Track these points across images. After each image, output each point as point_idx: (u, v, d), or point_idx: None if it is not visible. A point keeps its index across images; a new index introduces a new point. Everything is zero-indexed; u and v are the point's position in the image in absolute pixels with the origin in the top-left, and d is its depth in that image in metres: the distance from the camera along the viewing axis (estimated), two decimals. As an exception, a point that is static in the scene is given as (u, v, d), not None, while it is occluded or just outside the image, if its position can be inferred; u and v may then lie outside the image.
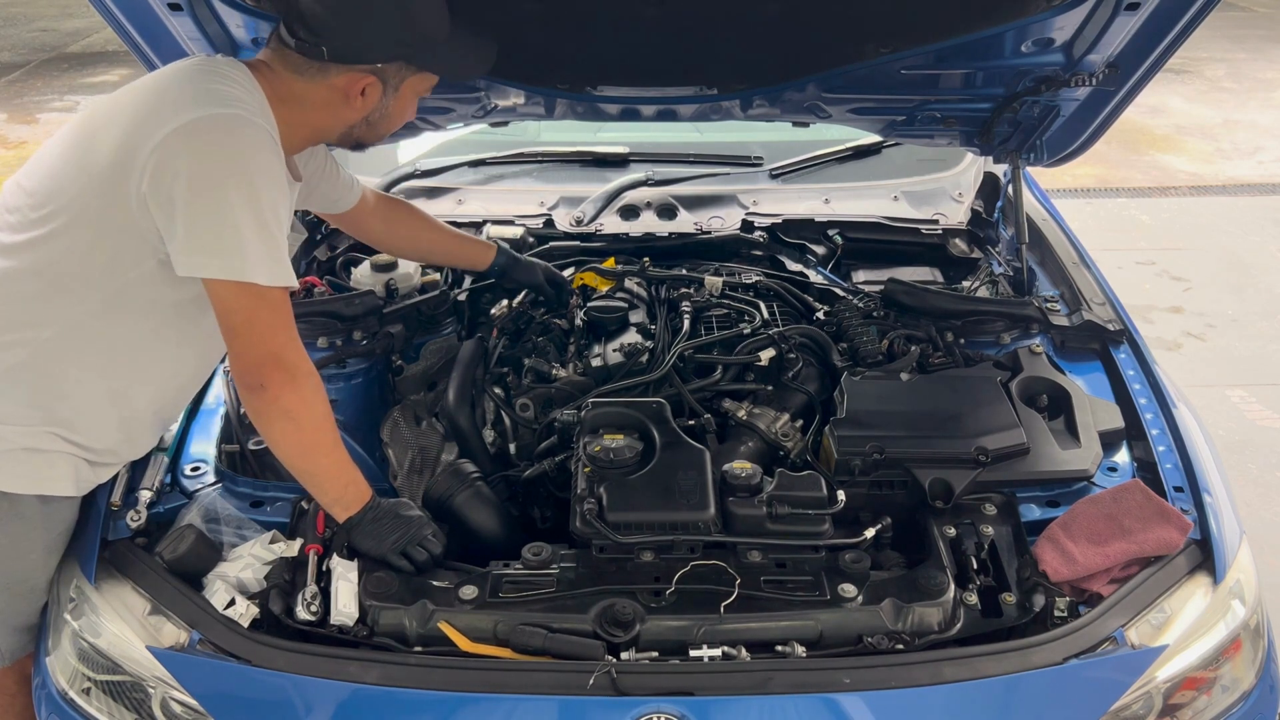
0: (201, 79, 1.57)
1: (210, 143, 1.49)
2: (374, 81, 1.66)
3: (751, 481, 1.72)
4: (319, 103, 1.66)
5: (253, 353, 1.56)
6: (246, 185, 1.49)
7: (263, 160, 1.53)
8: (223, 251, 1.49)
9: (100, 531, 1.68)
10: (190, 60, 1.66)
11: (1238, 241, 5.43)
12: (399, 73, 1.69)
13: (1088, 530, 1.65)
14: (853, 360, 2.16)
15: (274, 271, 1.52)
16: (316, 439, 1.63)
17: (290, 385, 1.57)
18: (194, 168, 1.48)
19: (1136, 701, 1.51)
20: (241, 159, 1.50)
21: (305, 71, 1.63)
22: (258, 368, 1.56)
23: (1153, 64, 1.91)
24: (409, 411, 2.25)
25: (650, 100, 2.25)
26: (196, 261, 1.50)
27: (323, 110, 1.67)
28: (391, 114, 1.75)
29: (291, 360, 1.58)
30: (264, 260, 1.51)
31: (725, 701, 1.44)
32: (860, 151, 2.94)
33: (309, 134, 1.73)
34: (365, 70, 1.64)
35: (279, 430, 1.61)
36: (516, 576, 1.64)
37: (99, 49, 9.34)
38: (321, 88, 1.64)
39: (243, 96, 1.56)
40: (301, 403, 1.59)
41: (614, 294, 2.40)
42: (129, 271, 1.56)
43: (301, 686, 1.46)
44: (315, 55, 1.60)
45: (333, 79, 1.63)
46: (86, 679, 1.58)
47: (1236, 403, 3.93)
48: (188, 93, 1.54)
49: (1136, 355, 2.13)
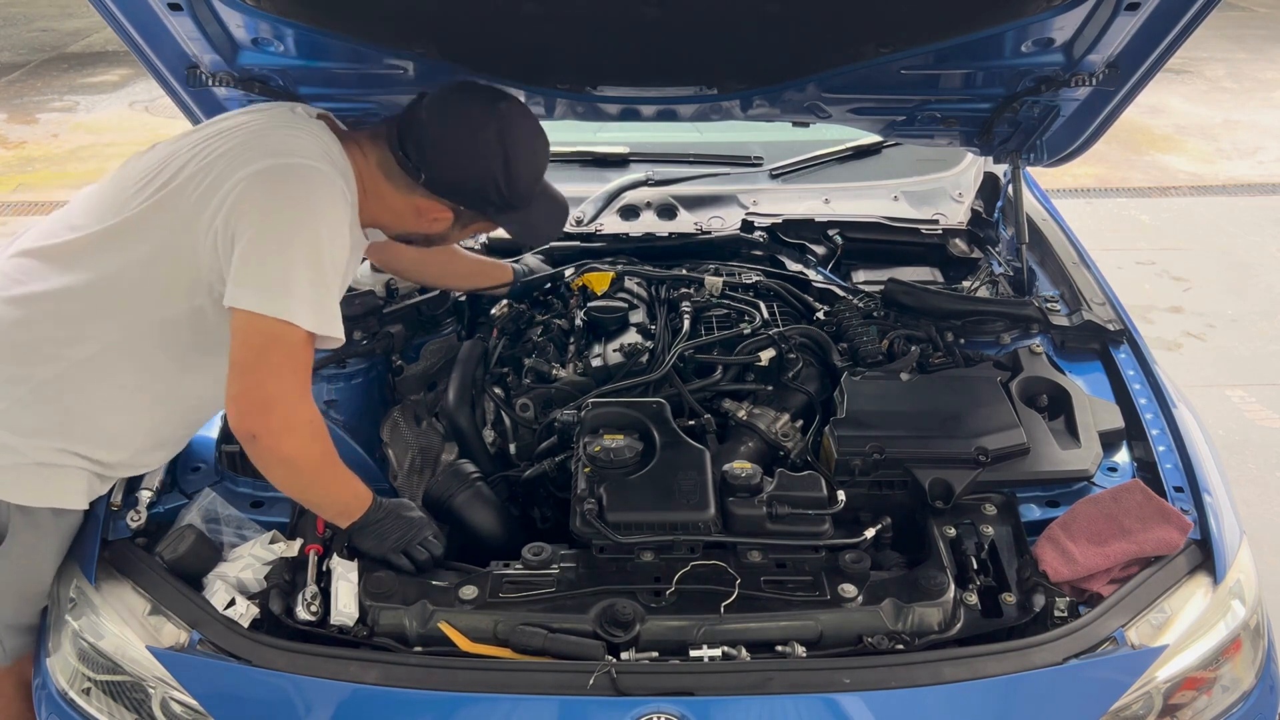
0: (299, 132, 1.63)
1: (288, 188, 1.54)
2: (449, 216, 1.74)
3: (751, 481, 1.72)
4: (394, 209, 1.74)
5: (254, 393, 1.51)
6: (312, 233, 1.53)
7: (334, 215, 1.57)
8: (270, 287, 1.49)
9: (100, 531, 1.68)
10: (290, 114, 1.70)
11: (1238, 241, 5.43)
12: (475, 217, 1.78)
13: (1088, 530, 1.65)
14: (853, 360, 2.16)
15: (316, 318, 1.51)
16: (311, 479, 1.61)
17: (287, 432, 1.53)
18: (266, 207, 1.52)
19: (1136, 701, 1.51)
20: (313, 208, 1.54)
21: (394, 178, 1.69)
22: (259, 409, 1.51)
23: (1153, 64, 1.91)
24: (409, 411, 2.25)
25: (650, 100, 2.25)
26: (242, 293, 1.50)
27: (394, 214, 1.75)
28: (448, 239, 1.85)
29: (294, 408, 1.53)
30: (310, 305, 1.51)
31: (725, 701, 1.44)
32: (860, 151, 2.94)
33: (374, 221, 1.78)
34: (446, 205, 1.72)
35: (278, 475, 1.59)
36: (516, 576, 1.64)
37: (99, 49, 9.34)
38: (401, 199, 1.72)
39: (325, 155, 1.61)
40: (299, 451, 1.56)
41: (614, 294, 2.40)
42: (180, 303, 1.59)
43: (301, 686, 1.46)
44: (413, 176, 1.67)
45: (415, 198, 1.71)
46: (86, 679, 1.58)
47: (1236, 403, 3.93)
48: (281, 140, 1.59)
49: (1136, 355, 2.13)
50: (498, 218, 1.79)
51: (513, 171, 1.69)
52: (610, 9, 1.90)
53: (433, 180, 1.68)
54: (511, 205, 1.74)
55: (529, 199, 1.76)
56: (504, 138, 1.68)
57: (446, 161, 1.66)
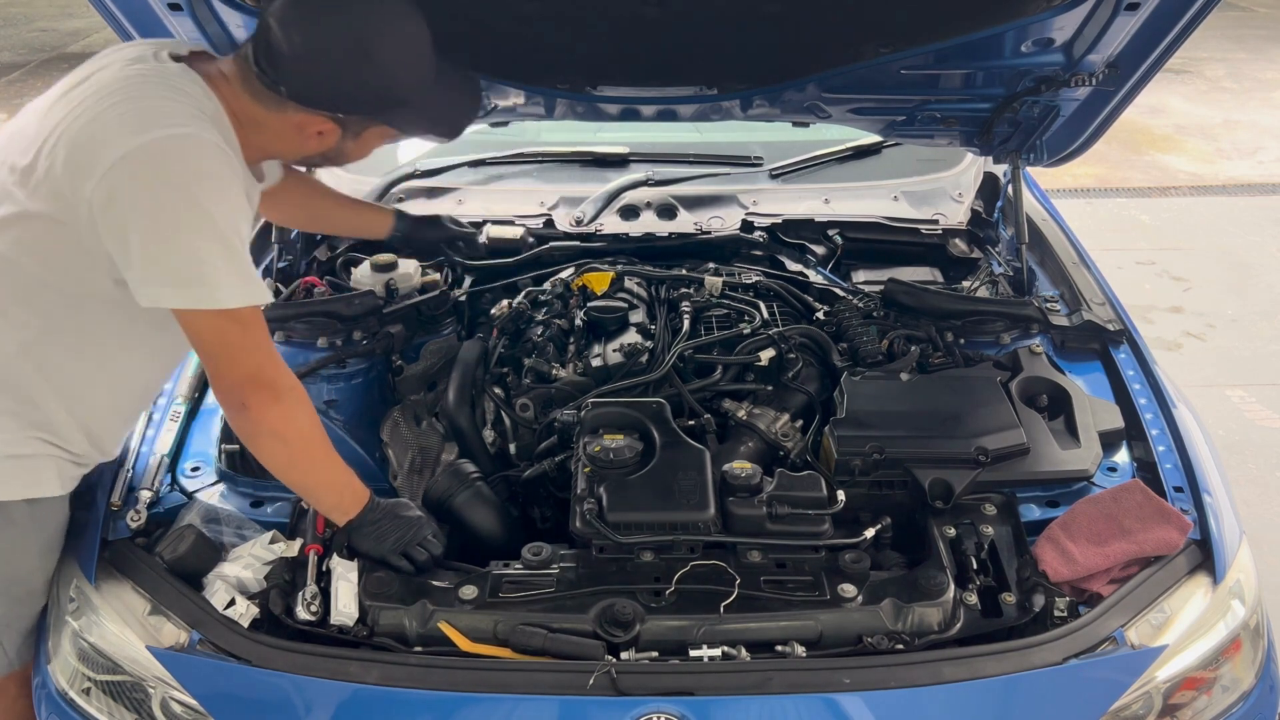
0: (156, 90, 1.49)
1: (161, 170, 1.42)
2: (332, 127, 1.60)
3: (751, 481, 1.72)
4: (274, 132, 1.60)
5: (231, 375, 1.53)
6: (201, 210, 1.43)
7: (217, 180, 1.47)
8: (186, 281, 1.44)
9: (100, 531, 1.68)
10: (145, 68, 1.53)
11: (1238, 241, 5.43)
12: (360, 122, 1.63)
13: (1088, 530, 1.65)
14: (853, 360, 2.16)
15: (244, 291, 1.48)
16: (306, 452, 1.61)
17: (273, 403, 1.54)
18: (145, 199, 1.42)
19: (1136, 701, 1.51)
20: (194, 184, 1.44)
21: (263, 99, 1.56)
22: (238, 389, 1.53)
23: (1153, 64, 1.91)
24: (409, 411, 2.25)
25: (650, 100, 2.25)
26: (159, 293, 1.45)
27: (278, 139, 1.62)
28: (350, 153, 1.70)
29: (271, 377, 1.55)
30: (231, 282, 1.46)
31: (725, 701, 1.44)
32: (860, 151, 2.94)
33: (263, 154, 1.67)
34: (325, 115, 1.58)
35: (266, 448, 1.59)
36: (516, 576, 1.64)
37: (99, 49, 9.28)
38: (278, 119, 1.58)
39: (195, 113, 1.49)
40: (286, 419, 1.56)
41: (614, 294, 2.40)
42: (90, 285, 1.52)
43: (301, 686, 1.46)
44: (271, 87, 1.54)
45: (289, 115, 1.57)
46: (86, 679, 1.58)
47: (1236, 403, 3.93)
48: (140, 109, 1.46)
49: (1136, 355, 2.14)
50: (385, 117, 1.63)
51: (379, 63, 1.53)
52: (610, 9, 1.90)
53: (296, 91, 1.53)
54: (395, 101, 1.60)
55: (415, 90, 1.60)
56: (357, 28, 1.51)
57: (302, 68, 1.51)
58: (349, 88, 1.55)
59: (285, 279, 2.41)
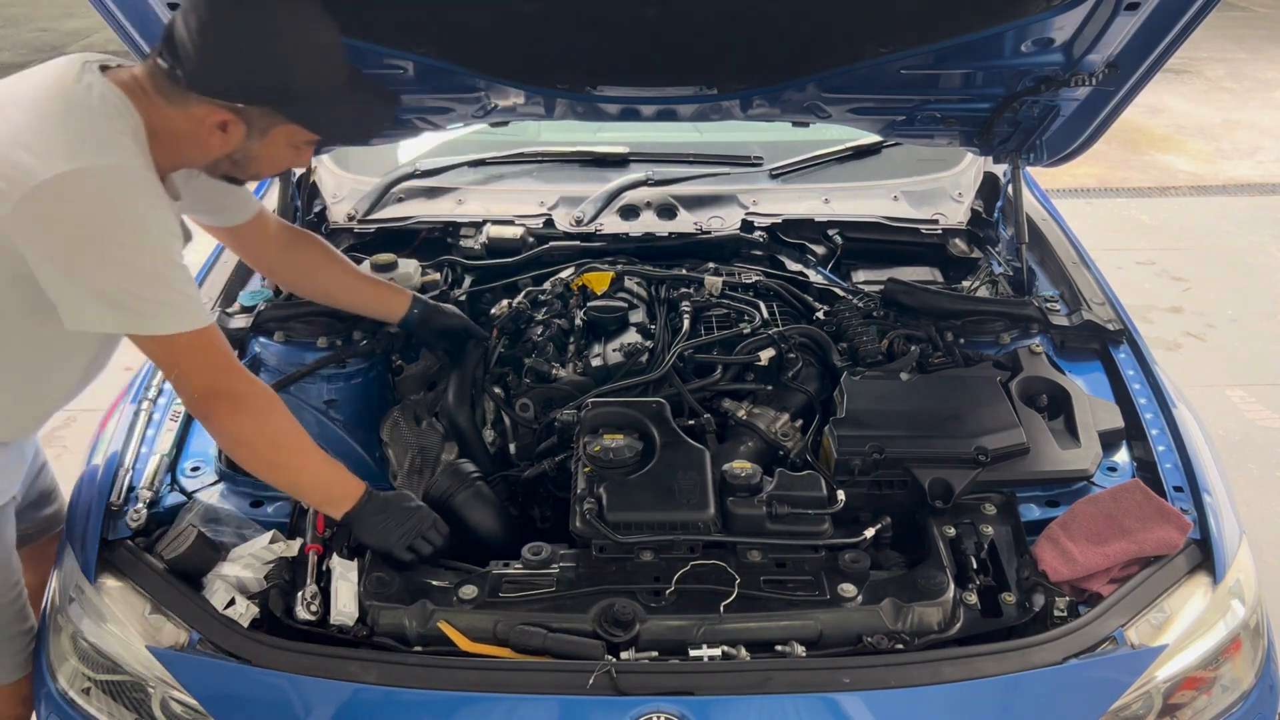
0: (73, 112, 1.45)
1: (82, 205, 1.40)
2: (234, 120, 1.54)
3: (751, 481, 1.72)
4: (182, 131, 1.55)
5: (188, 390, 1.56)
6: (125, 243, 1.42)
7: (140, 210, 1.44)
8: (118, 309, 1.44)
9: (100, 531, 1.68)
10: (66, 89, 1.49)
11: (1238, 241, 5.43)
12: (265, 118, 1.56)
13: (1088, 530, 1.65)
14: (853, 360, 2.16)
15: (176, 319, 1.47)
16: (277, 455, 1.62)
17: (233, 413, 1.56)
18: (68, 231, 1.40)
19: (1136, 701, 1.51)
20: (118, 217, 1.42)
21: (169, 96, 1.52)
22: (197, 403, 1.56)
23: (1153, 64, 1.91)
24: (409, 411, 2.25)
25: (650, 100, 2.25)
26: (92, 316, 1.45)
27: (186, 140, 1.56)
28: (260, 157, 1.62)
29: (227, 389, 1.55)
30: (162, 311, 1.46)
31: (725, 701, 1.44)
32: (860, 151, 2.94)
33: (178, 161, 1.61)
34: (223, 107, 1.52)
35: (239, 455, 1.62)
36: (516, 576, 1.64)
37: (99, 49, 9.28)
38: (183, 116, 1.53)
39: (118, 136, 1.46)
40: (250, 426, 1.58)
41: (614, 294, 2.40)
42: None
43: (301, 686, 1.46)
44: (174, 79, 1.49)
45: (192, 108, 1.52)
46: (86, 679, 1.58)
47: (1236, 403, 3.93)
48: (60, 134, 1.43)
49: (1136, 355, 2.14)
50: (289, 112, 1.55)
51: (275, 50, 1.48)
52: (610, 9, 1.90)
53: (192, 76, 1.48)
54: (297, 95, 1.53)
55: (321, 86, 1.54)
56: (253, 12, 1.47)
57: (201, 54, 1.46)
58: (243, 72, 1.49)
59: (285, 279, 2.41)
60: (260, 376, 2.07)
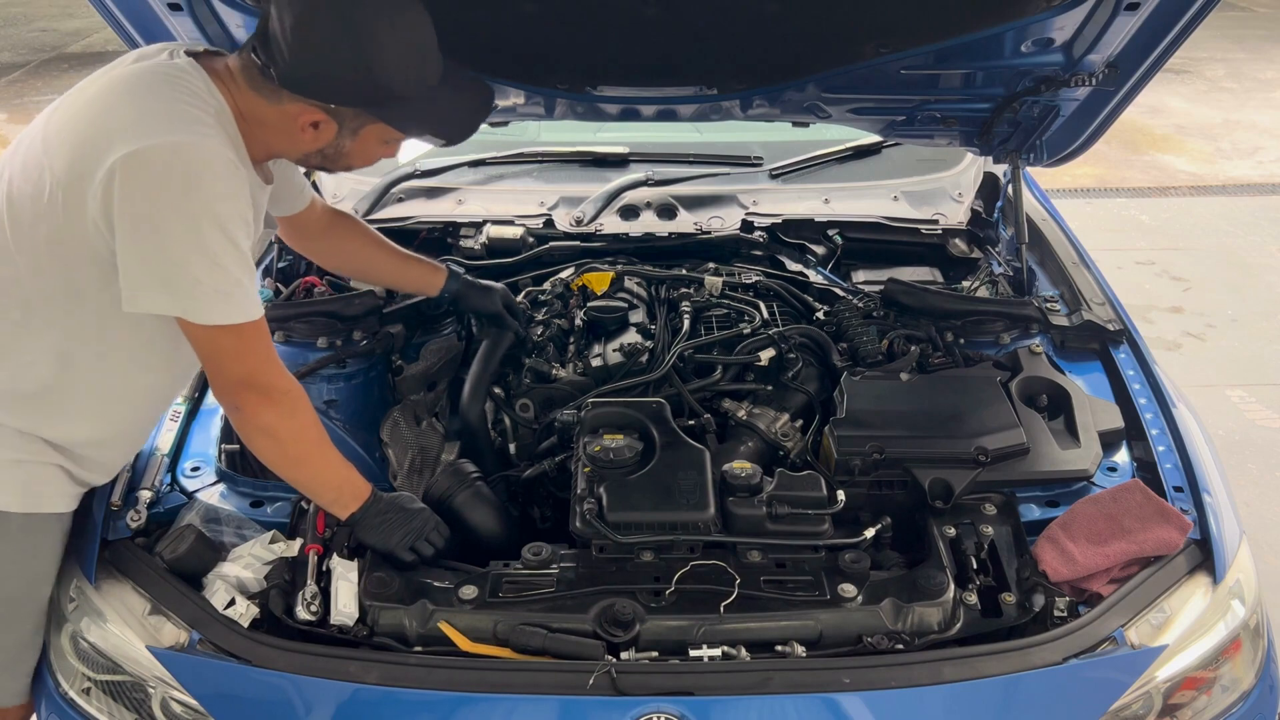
0: (161, 91, 1.47)
1: (158, 176, 1.39)
2: (326, 120, 1.56)
3: (751, 481, 1.72)
4: (273, 124, 1.57)
5: (224, 378, 1.56)
6: (196, 222, 1.42)
7: (218, 188, 1.44)
8: (173, 290, 1.44)
9: (100, 531, 1.68)
10: (152, 65, 1.52)
11: (1238, 241, 5.43)
12: (358, 118, 1.58)
13: (1088, 530, 1.65)
14: (853, 360, 2.16)
15: (228, 310, 1.47)
16: (300, 451, 1.62)
17: (265, 405, 1.56)
18: (140, 203, 1.40)
19: (1136, 701, 1.51)
20: (192, 193, 1.41)
21: (262, 90, 1.53)
22: (231, 392, 1.56)
23: (1153, 64, 1.91)
24: (409, 411, 2.25)
25: (650, 100, 2.25)
26: (145, 297, 1.44)
27: (277, 132, 1.58)
28: (350, 154, 1.65)
29: (264, 383, 1.56)
30: (216, 300, 1.46)
31: (725, 701, 1.44)
32: (860, 151, 2.94)
33: (267, 152, 1.64)
34: (316, 106, 1.54)
35: (260, 446, 1.61)
36: (516, 576, 1.64)
37: (99, 49, 9.34)
38: (275, 111, 1.55)
39: (201, 115, 1.46)
40: (279, 420, 1.58)
41: (614, 294, 2.40)
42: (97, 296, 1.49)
43: (301, 686, 1.46)
44: (267, 76, 1.51)
45: (285, 105, 1.54)
46: (86, 679, 1.58)
47: (1236, 403, 3.94)
48: (144, 111, 1.44)
49: (1136, 355, 2.14)
50: (381, 113, 1.57)
51: (369, 50, 1.48)
52: (610, 9, 1.90)
53: (286, 76, 1.49)
54: (392, 97, 1.54)
55: (412, 89, 1.55)
56: (349, 13, 1.47)
57: (295, 54, 1.47)
58: (338, 74, 1.50)
59: (285, 279, 2.41)
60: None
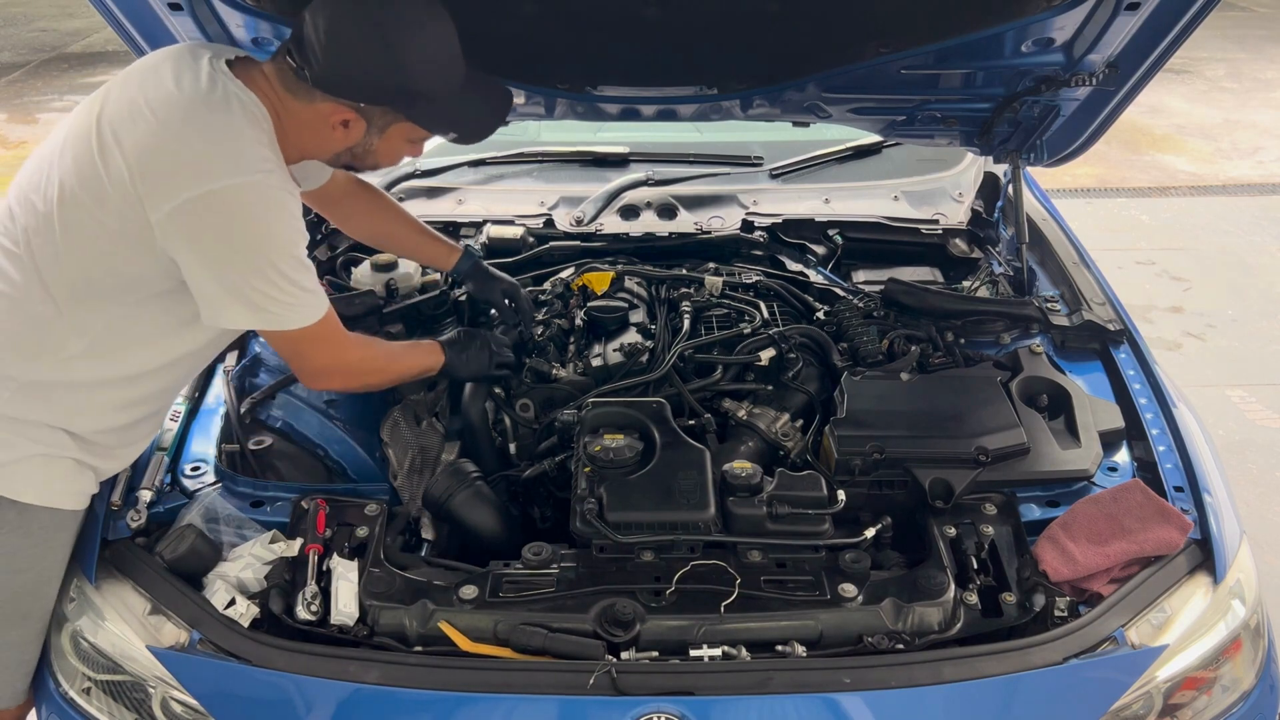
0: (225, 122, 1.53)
1: (232, 218, 1.51)
2: (355, 118, 1.64)
3: (751, 481, 1.72)
4: (306, 124, 1.64)
5: (307, 370, 1.76)
6: (267, 255, 1.54)
7: (280, 223, 1.56)
8: (255, 310, 1.57)
9: (100, 531, 1.68)
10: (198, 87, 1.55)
11: (1238, 241, 5.43)
12: (386, 116, 1.66)
13: (1088, 530, 1.65)
14: (853, 360, 2.16)
15: (302, 316, 1.62)
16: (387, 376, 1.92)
17: (350, 379, 1.85)
18: (216, 243, 1.51)
19: (1136, 701, 1.51)
20: (262, 232, 1.54)
21: (295, 90, 1.61)
22: (312, 378, 1.79)
23: (1153, 64, 1.91)
24: (409, 411, 2.25)
25: (650, 100, 2.25)
26: (227, 315, 1.57)
27: (309, 132, 1.65)
28: (378, 152, 1.73)
29: (342, 365, 1.78)
30: (291, 311, 1.60)
31: (725, 701, 1.44)
32: (860, 151, 2.94)
33: (301, 153, 1.70)
34: (347, 105, 1.62)
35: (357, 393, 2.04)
36: (516, 576, 1.64)
37: (99, 49, 9.34)
38: (308, 111, 1.62)
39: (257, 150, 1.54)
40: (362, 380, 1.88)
41: (614, 294, 2.40)
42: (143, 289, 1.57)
43: (301, 686, 1.46)
44: (301, 77, 1.58)
45: (317, 104, 1.61)
46: (86, 679, 1.58)
47: (1236, 403, 3.93)
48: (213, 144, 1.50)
49: (1136, 355, 2.13)
50: (409, 113, 1.66)
51: (398, 51, 1.55)
52: (610, 9, 1.90)
53: (319, 77, 1.57)
54: (419, 96, 1.62)
55: (439, 89, 1.63)
56: (378, 16, 1.54)
57: (327, 54, 1.54)
58: (369, 74, 1.58)
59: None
60: (260, 376, 2.09)
